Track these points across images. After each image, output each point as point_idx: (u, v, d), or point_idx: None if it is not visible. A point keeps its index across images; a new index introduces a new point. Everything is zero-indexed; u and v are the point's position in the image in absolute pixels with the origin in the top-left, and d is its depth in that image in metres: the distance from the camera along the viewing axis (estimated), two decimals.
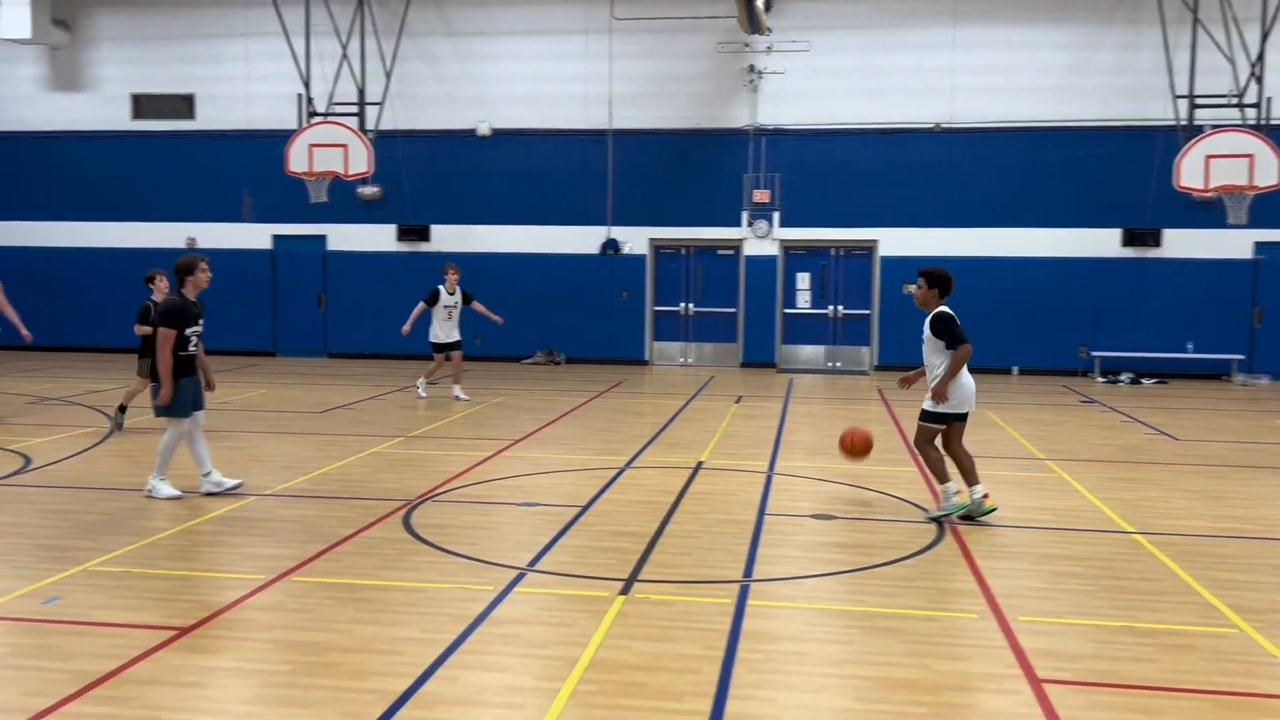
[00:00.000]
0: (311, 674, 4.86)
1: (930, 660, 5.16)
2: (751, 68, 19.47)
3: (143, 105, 21.24)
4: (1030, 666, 5.08)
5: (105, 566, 6.48)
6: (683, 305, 20.43)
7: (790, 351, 20.19)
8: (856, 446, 8.64)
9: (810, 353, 20.13)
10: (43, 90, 21.51)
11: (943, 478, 7.97)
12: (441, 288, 14.97)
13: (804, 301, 20.05)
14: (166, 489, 8.44)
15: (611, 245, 20.18)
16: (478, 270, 20.44)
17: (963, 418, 7.99)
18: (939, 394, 7.84)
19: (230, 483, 8.69)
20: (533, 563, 6.71)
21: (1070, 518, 8.21)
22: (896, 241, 19.50)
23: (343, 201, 19.67)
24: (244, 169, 20.79)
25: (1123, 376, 18.43)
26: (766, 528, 7.70)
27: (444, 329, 14.84)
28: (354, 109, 18.88)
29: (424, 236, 20.67)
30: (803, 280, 20.02)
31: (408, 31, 19.80)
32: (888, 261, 19.60)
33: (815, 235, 19.78)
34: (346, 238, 20.85)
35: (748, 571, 6.61)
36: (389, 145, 19.66)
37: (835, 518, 8.08)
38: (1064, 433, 12.59)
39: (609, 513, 8.12)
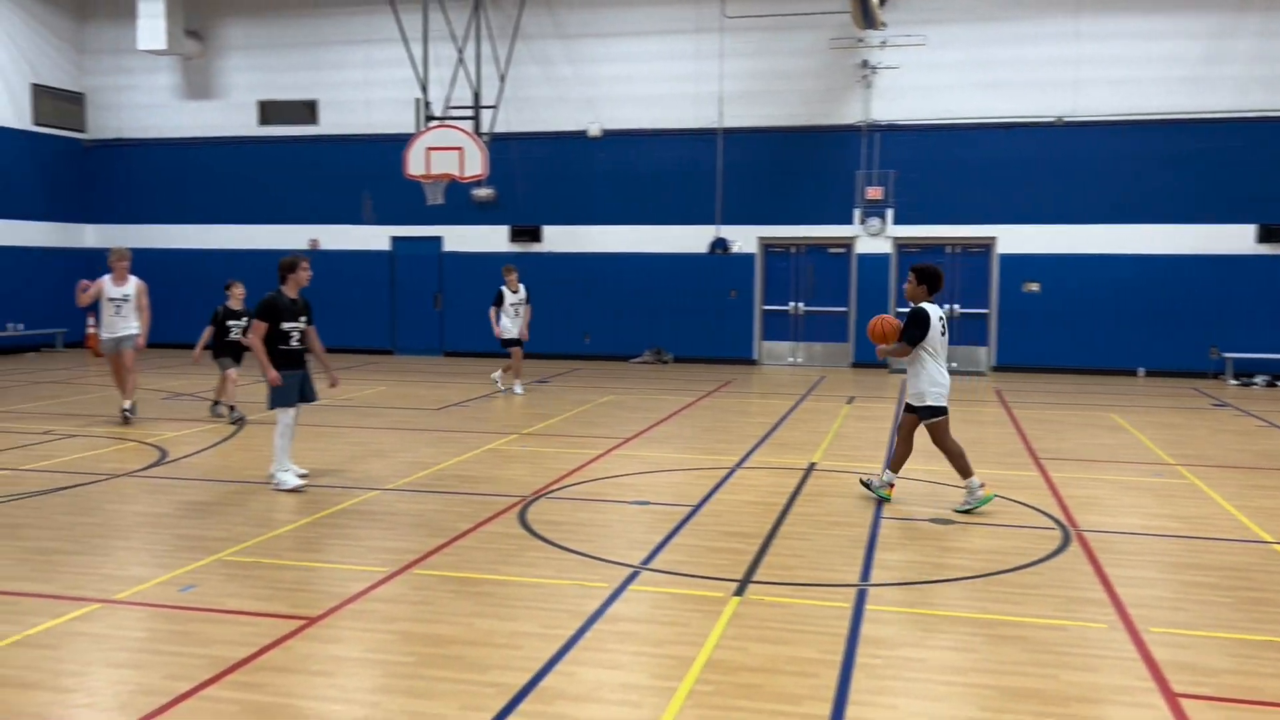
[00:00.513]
0: (434, 665, 4.97)
1: (1057, 670, 5.00)
2: (865, 63, 19.18)
3: (269, 111, 22.04)
4: (1164, 680, 4.88)
5: (237, 556, 6.74)
6: (792, 304, 20.26)
7: None
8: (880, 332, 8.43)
9: None
10: (176, 98, 22.50)
11: (966, 472, 8.17)
12: (504, 288, 15.37)
13: None
14: (290, 479, 8.76)
15: (720, 244, 20.13)
16: (587, 270, 20.68)
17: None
18: (880, 354, 8.35)
19: (299, 471, 9.07)
20: (646, 561, 6.73)
21: (1203, 525, 7.86)
22: (1016, 238, 18.99)
23: (458, 203, 20.07)
24: (364, 172, 21.39)
25: (1257, 379, 17.59)
26: (883, 531, 7.58)
27: (510, 325, 15.32)
28: (469, 112, 19.24)
29: (535, 237, 20.95)
30: None
31: (521, 35, 20.09)
32: (1006, 259, 19.09)
33: (930, 232, 19.40)
34: (461, 239, 21.26)
35: (864, 575, 6.52)
36: (502, 147, 19.99)
37: (954, 522, 7.90)
38: (1195, 437, 12.07)
39: (721, 513, 8.10)
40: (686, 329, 20.41)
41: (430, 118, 19.05)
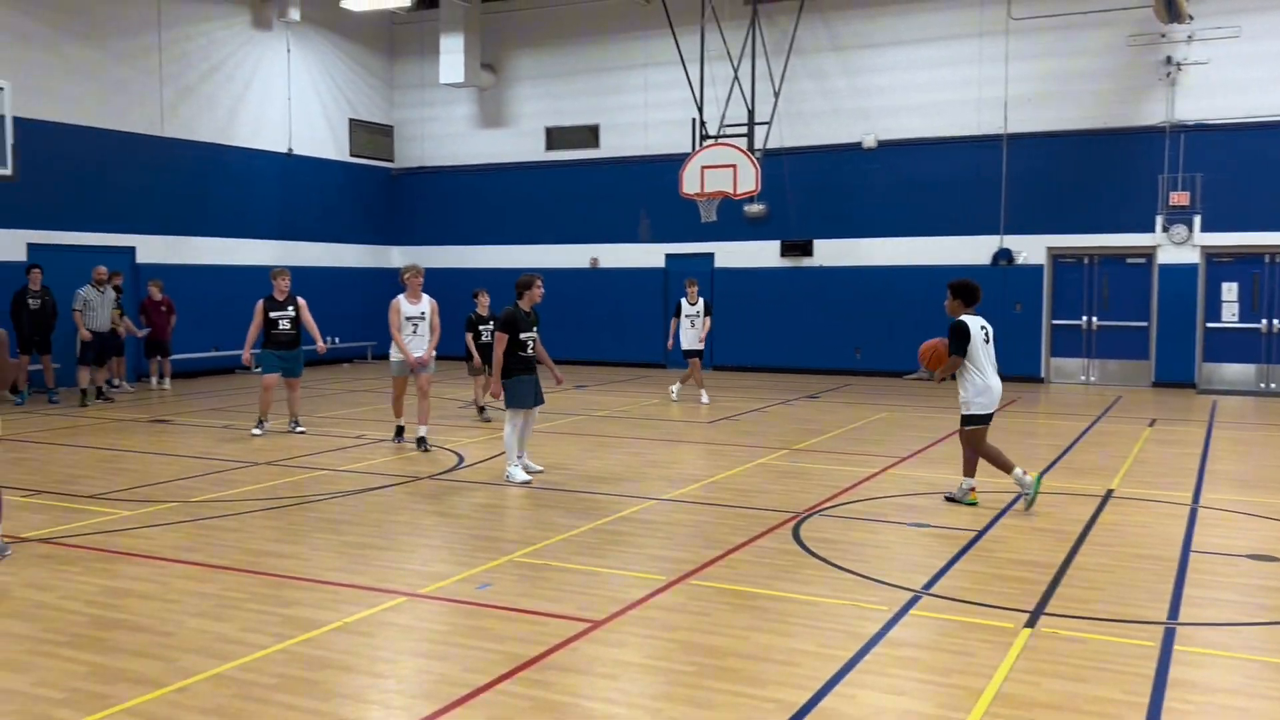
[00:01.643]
0: (713, 677, 5.01)
1: None
2: (1168, 59, 17.76)
3: (554, 137, 23.20)
4: None
5: (527, 558, 7.10)
6: (1085, 318, 19.01)
7: (1213, 370, 18.14)
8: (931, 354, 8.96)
9: (1238, 372, 17.97)
10: (472, 128, 24.13)
11: (1008, 467, 8.68)
12: (684, 300, 15.98)
13: (1230, 314, 17.93)
14: (519, 474, 9.74)
15: (1004, 255, 19.23)
16: (859, 284, 20.34)
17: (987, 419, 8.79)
18: (938, 379, 8.95)
19: (536, 468, 10.10)
20: (928, 586, 6.50)
21: None
22: None
23: (730, 220, 20.28)
24: (641, 192, 22.07)
25: None
26: (1193, 566, 6.94)
27: (687, 338, 15.92)
28: (743, 130, 19.43)
29: (806, 252, 20.84)
30: (1229, 290, 17.91)
31: (796, 49, 20.07)
32: None
33: (1245, 240, 17.66)
34: (733, 255, 21.48)
35: (1172, 613, 5.99)
36: (775, 163, 20.05)
37: (1277, 559, 7.12)
38: None
39: (1007, 539, 7.70)
40: None
41: (705, 137, 19.40)
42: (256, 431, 12.60)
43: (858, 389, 18.15)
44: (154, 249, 19.41)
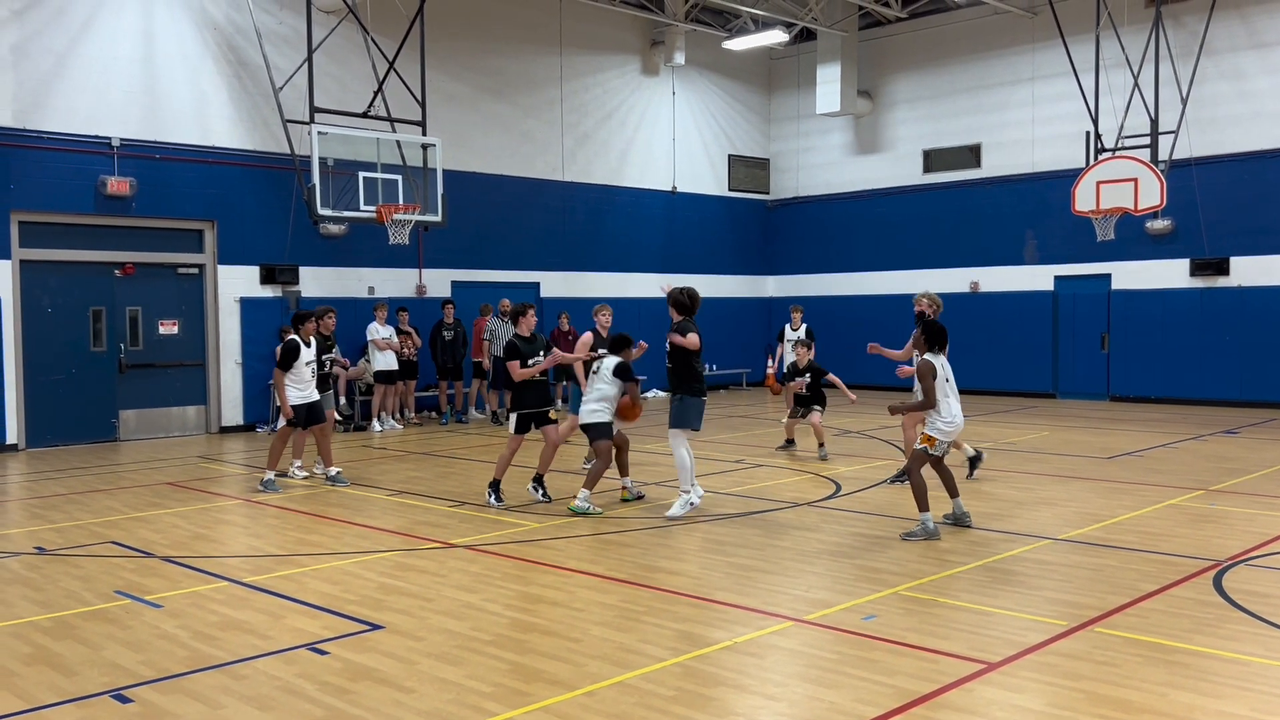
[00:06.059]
0: None
1: None
2: None
3: (932, 159, 22.68)
4: None
5: (913, 592, 6.94)
6: None
7: None
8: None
9: None
10: (847, 155, 24.15)
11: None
12: (787, 326, 16.16)
13: None
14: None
15: None
16: None
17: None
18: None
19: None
20: None
21: None
22: None
23: (1128, 237, 18.79)
24: (1026, 212, 21.02)
25: None
26: None
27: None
28: (1145, 140, 17.94)
29: (1221, 270, 18.80)
30: None
31: (1207, 50, 18.27)
32: None
33: None
34: (1132, 275, 19.84)
35: None
36: (1182, 174, 18.33)
37: None
38: None
39: None
40: None
41: (1100, 150, 18.11)
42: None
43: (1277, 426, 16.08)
44: (555, 284, 21.15)
